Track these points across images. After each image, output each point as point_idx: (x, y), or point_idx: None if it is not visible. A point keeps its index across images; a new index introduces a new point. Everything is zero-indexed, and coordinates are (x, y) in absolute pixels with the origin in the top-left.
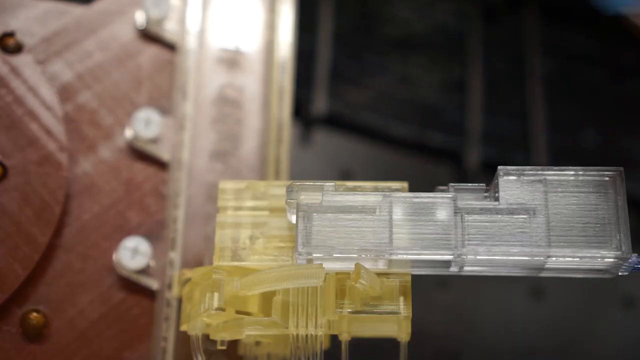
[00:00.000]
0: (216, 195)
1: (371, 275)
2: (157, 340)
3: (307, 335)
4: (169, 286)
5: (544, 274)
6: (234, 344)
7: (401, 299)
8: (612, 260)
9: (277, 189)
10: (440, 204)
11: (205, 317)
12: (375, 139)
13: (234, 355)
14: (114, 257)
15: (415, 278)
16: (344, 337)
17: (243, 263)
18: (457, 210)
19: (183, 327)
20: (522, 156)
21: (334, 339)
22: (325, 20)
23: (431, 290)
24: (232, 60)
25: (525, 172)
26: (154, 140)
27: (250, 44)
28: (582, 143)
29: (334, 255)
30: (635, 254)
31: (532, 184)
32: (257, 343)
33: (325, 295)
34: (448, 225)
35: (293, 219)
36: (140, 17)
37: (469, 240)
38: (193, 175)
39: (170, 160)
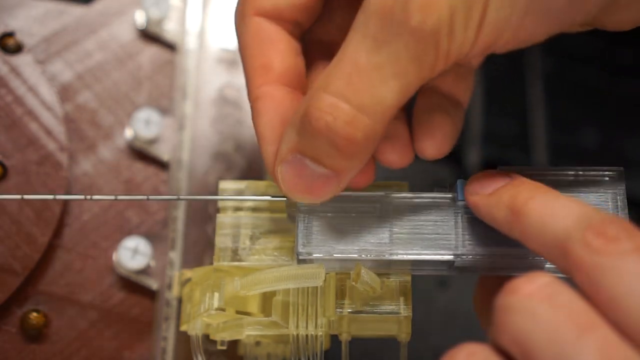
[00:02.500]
0: (216, 195)
1: (371, 275)
2: (157, 340)
3: (307, 336)
4: (169, 286)
5: None
6: (234, 344)
7: (401, 299)
8: None
9: (277, 189)
10: (440, 204)
11: (205, 317)
12: None
13: (234, 356)
14: (114, 257)
15: (415, 278)
16: (344, 337)
17: (243, 263)
18: (457, 210)
19: (183, 327)
20: (522, 156)
21: (334, 339)
22: None
23: (431, 290)
24: (232, 60)
25: (525, 172)
26: (154, 140)
27: None
28: (582, 143)
29: (334, 255)
30: None
31: None
32: (257, 343)
33: (326, 295)
34: (448, 225)
35: (293, 219)
36: (140, 17)
37: (469, 240)
38: (193, 175)
39: (170, 160)
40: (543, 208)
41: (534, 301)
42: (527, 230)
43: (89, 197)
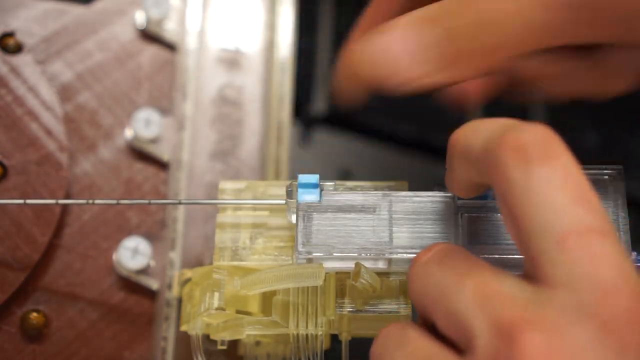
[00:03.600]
0: (216, 195)
1: (371, 274)
2: (157, 340)
3: (307, 335)
4: (169, 286)
5: None
6: (234, 344)
7: (401, 297)
8: None
9: (277, 189)
10: (441, 202)
11: (206, 317)
12: (375, 138)
13: (234, 355)
14: (114, 257)
15: None
16: (344, 337)
17: (243, 263)
18: (456, 210)
19: (183, 327)
20: None
21: (335, 339)
22: (325, 20)
23: None
24: (232, 60)
25: None
26: (154, 140)
27: (250, 44)
28: (582, 142)
29: (334, 254)
30: (635, 252)
31: None
32: (257, 343)
33: (326, 294)
34: (448, 224)
35: (293, 218)
36: (140, 17)
37: (469, 239)
38: (193, 175)
39: (170, 160)
40: (469, 127)
41: (428, 266)
42: (457, 151)
43: (90, 201)
